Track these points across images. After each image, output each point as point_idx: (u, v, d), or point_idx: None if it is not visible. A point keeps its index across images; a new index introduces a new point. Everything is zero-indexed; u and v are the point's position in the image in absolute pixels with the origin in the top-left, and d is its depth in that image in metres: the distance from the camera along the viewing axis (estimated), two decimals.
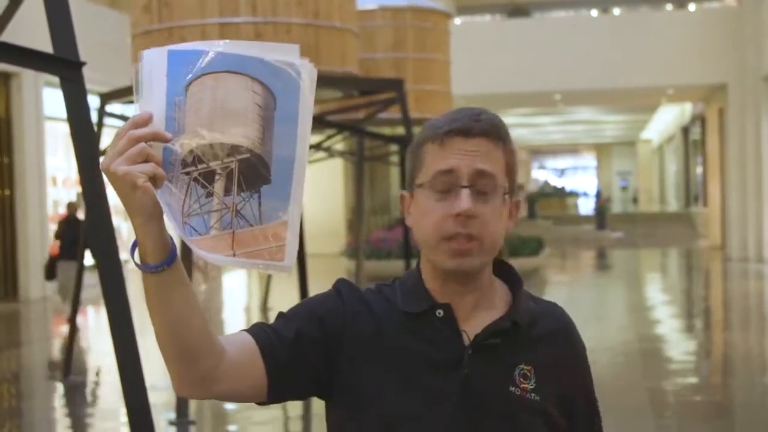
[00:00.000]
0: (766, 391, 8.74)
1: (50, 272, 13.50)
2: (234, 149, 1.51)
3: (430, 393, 1.76)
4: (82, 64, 4.21)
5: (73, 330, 9.67)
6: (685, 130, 34.49)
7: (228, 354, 1.67)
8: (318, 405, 7.99)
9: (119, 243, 4.44)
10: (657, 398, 8.07)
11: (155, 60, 1.49)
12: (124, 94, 9.26)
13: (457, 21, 23.26)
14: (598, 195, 37.69)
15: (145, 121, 1.48)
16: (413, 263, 1.84)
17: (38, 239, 16.59)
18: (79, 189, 13.64)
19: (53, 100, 16.53)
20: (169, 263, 1.54)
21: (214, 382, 1.67)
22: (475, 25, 28.29)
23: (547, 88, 24.21)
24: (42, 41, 4.62)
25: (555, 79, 23.34)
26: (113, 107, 10.22)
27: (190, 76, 1.50)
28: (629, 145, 53.59)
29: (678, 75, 22.99)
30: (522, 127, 40.69)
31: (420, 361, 1.78)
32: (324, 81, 8.52)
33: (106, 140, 10.76)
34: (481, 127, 1.75)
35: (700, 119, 29.17)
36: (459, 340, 1.78)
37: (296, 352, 1.75)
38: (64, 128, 16.09)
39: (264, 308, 13.83)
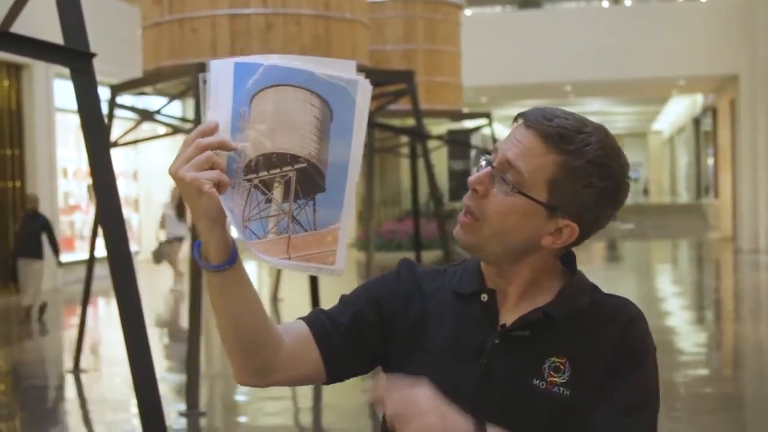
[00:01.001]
0: None
1: (12, 271, 13.28)
2: (293, 159, 1.60)
3: (454, 383, 1.75)
4: (93, 55, 4.21)
5: (84, 321, 9.69)
6: (697, 122, 34.38)
7: (285, 344, 1.77)
8: (328, 396, 8.00)
9: (129, 235, 4.44)
10: (668, 390, 8.06)
11: (222, 71, 1.59)
12: (135, 85, 9.27)
13: (468, 12, 23.20)
14: None
15: (212, 129, 1.57)
16: (423, 255, 1.86)
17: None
18: (90, 180, 13.66)
19: (64, 91, 16.55)
20: (231, 263, 1.63)
21: (273, 371, 1.77)
22: (486, 16, 28.22)
23: (558, 80, 24.15)
24: (52, 32, 4.62)
25: (565, 71, 23.28)
26: (124, 98, 10.23)
27: (255, 88, 1.59)
28: (640, 136, 53.42)
29: (689, 66, 22.90)
30: None
31: (452, 346, 1.79)
32: None
33: (116, 131, 10.77)
34: (543, 127, 1.71)
35: (711, 110, 29.06)
36: (491, 328, 1.77)
37: (352, 337, 1.83)
38: (75, 120, 16.11)
39: (274, 299, 13.84)
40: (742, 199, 22.43)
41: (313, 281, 10.74)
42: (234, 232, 1.61)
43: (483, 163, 1.77)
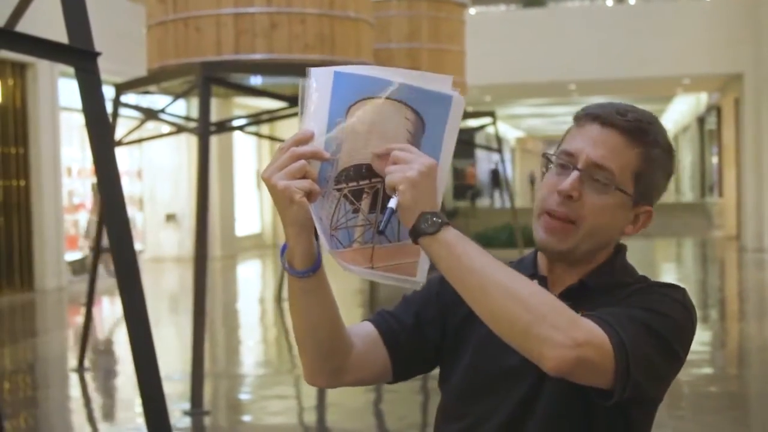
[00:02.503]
0: None
1: None
2: None
3: (504, 367, 1.81)
4: (97, 54, 4.21)
5: (89, 320, 9.70)
6: (701, 120, 34.33)
7: (356, 346, 1.82)
8: (332, 395, 8.00)
9: (134, 234, 4.44)
10: (672, 389, 7.99)
11: (322, 79, 1.60)
12: (140, 84, 9.27)
13: (472, 11, 23.18)
14: None
15: (307, 138, 1.59)
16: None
17: (53, 230, 16.63)
18: (95, 179, 13.63)
19: (69, 90, 16.55)
20: (315, 270, 1.67)
21: (345, 373, 1.82)
22: (490, 15, 28.18)
23: (562, 78, 24.13)
24: (57, 31, 4.62)
25: (570, 69, 23.26)
26: (128, 97, 10.23)
27: (352, 98, 1.61)
28: None
29: (693, 65, 22.87)
30: (536, 117, 40.57)
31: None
32: None
33: (121, 130, 10.78)
34: (621, 123, 1.77)
35: (715, 109, 29.02)
36: None
37: (416, 335, 1.89)
38: (80, 119, 16.13)
39: (278, 299, 13.85)
40: (747, 198, 22.40)
41: None
42: (326, 244, 1.63)
43: (556, 167, 1.80)
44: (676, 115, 41.18)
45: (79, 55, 4.20)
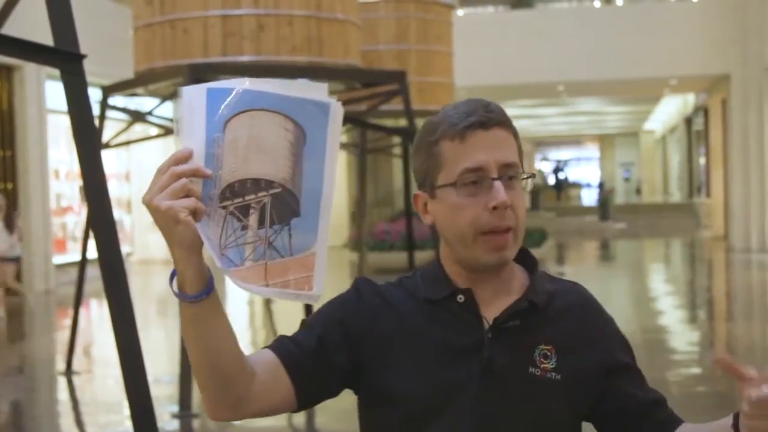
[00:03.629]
0: None
1: None
2: (267, 184, 1.60)
3: (452, 382, 1.78)
4: (83, 56, 4.20)
5: (76, 323, 9.67)
6: (688, 121, 34.43)
7: (257, 374, 1.73)
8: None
9: (121, 236, 4.43)
10: (660, 389, 7.98)
11: (195, 97, 1.58)
12: (126, 86, 9.25)
13: (460, 12, 23.19)
14: (601, 186, 37.65)
15: (186, 157, 1.55)
16: (416, 255, 1.87)
17: (41, 232, 16.59)
18: (81, 182, 13.62)
19: (55, 92, 16.51)
20: (207, 293, 1.60)
21: (247, 403, 1.73)
22: (478, 16, 28.22)
23: (550, 80, 24.16)
24: (42, 34, 4.61)
25: (558, 71, 23.29)
26: (115, 100, 10.21)
27: (228, 113, 1.57)
28: (632, 136, 53.48)
29: (681, 66, 22.93)
30: (525, 118, 40.59)
31: (441, 350, 1.80)
32: (326, 73, 8.50)
33: (108, 133, 10.76)
34: (496, 117, 1.77)
35: (703, 110, 29.10)
36: (479, 324, 1.80)
37: (319, 360, 1.79)
38: (67, 121, 16.03)
39: (267, 301, 13.82)
40: (734, 198, 22.46)
41: None
42: (219, 263, 1.58)
43: (464, 189, 1.76)
44: (664, 115, 41.28)
45: (64, 57, 4.19)
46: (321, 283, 1.63)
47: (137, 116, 10.40)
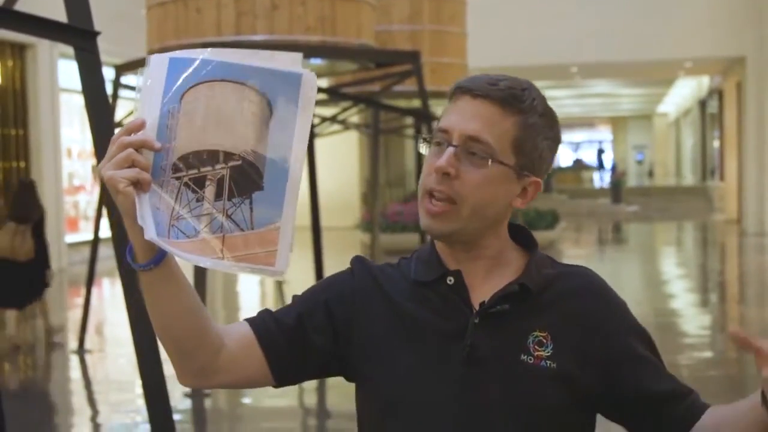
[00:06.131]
0: None
1: None
2: (226, 156, 1.56)
3: (437, 368, 1.74)
4: (97, 33, 4.18)
5: (89, 302, 9.70)
6: (703, 104, 34.27)
7: (227, 346, 1.72)
8: (333, 377, 7.99)
9: None
10: (672, 372, 8.02)
11: (156, 66, 1.56)
12: (140, 65, 9.20)
13: None
14: (614, 168, 37.54)
15: (138, 127, 1.54)
16: (428, 237, 1.83)
17: (53, 211, 16.61)
18: (94, 161, 13.58)
19: (68, 71, 16.51)
20: (157, 263, 1.59)
21: (214, 373, 1.72)
22: None
23: (564, 61, 24.04)
24: (56, 11, 4.60)
25: (572, 52, 23.18)
26: (128, 79, 10.20)
27: (186, 84, 1.55)
28: (646, 118, 53.26)
29: (696, 48, 22.79)
30: None
31: (428, 334, 1.75)
32: (340, 53, 8.48)
33: (120, 112, 10.75)
34: (493, 92, 1.71)
35: (717, 93, 28.96)
36: (466, 308, 1.75)
37: (296, 339, 1.77)
38: (80, 100, 16.07)
39: (279, 281, 13.84)
40: (748, 182, 22.37)
41: (319, 264, 10.72)
42: (147, 233, 1.53)
43: (433, 145, 1.74)
44: (678, 98, 41.11)
45: (78, 34, 4.17)
46: (285, 258, 1.58)
47: None
